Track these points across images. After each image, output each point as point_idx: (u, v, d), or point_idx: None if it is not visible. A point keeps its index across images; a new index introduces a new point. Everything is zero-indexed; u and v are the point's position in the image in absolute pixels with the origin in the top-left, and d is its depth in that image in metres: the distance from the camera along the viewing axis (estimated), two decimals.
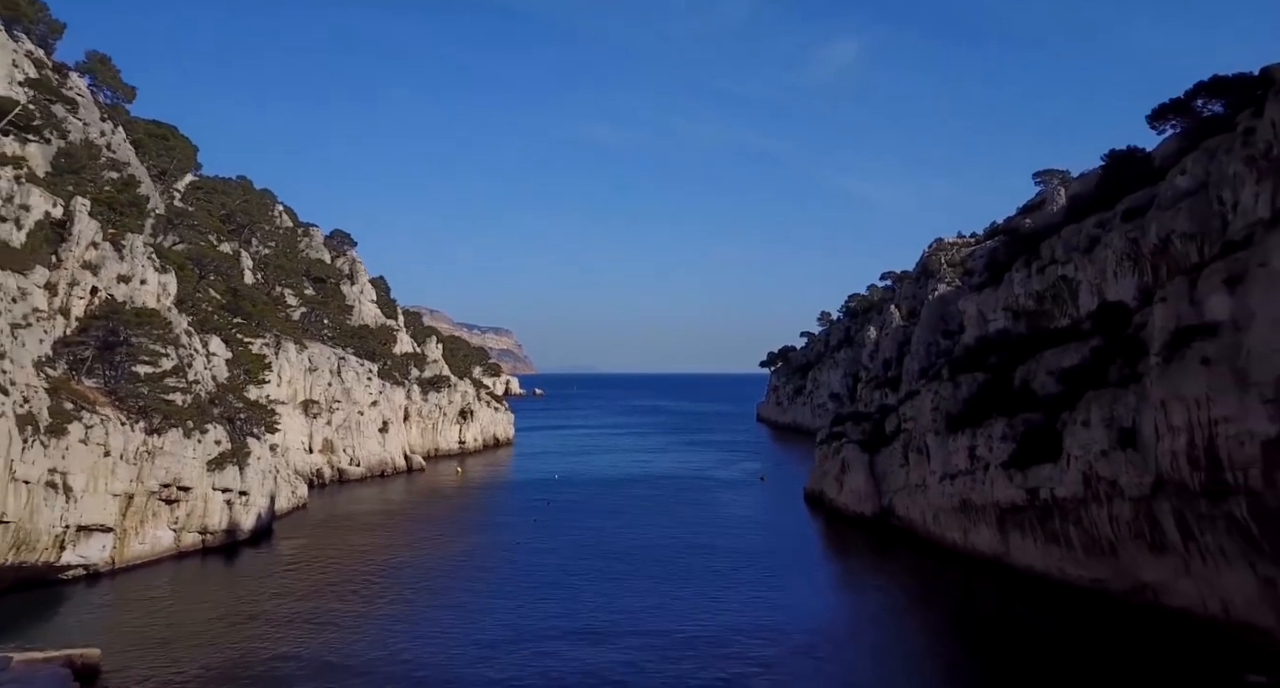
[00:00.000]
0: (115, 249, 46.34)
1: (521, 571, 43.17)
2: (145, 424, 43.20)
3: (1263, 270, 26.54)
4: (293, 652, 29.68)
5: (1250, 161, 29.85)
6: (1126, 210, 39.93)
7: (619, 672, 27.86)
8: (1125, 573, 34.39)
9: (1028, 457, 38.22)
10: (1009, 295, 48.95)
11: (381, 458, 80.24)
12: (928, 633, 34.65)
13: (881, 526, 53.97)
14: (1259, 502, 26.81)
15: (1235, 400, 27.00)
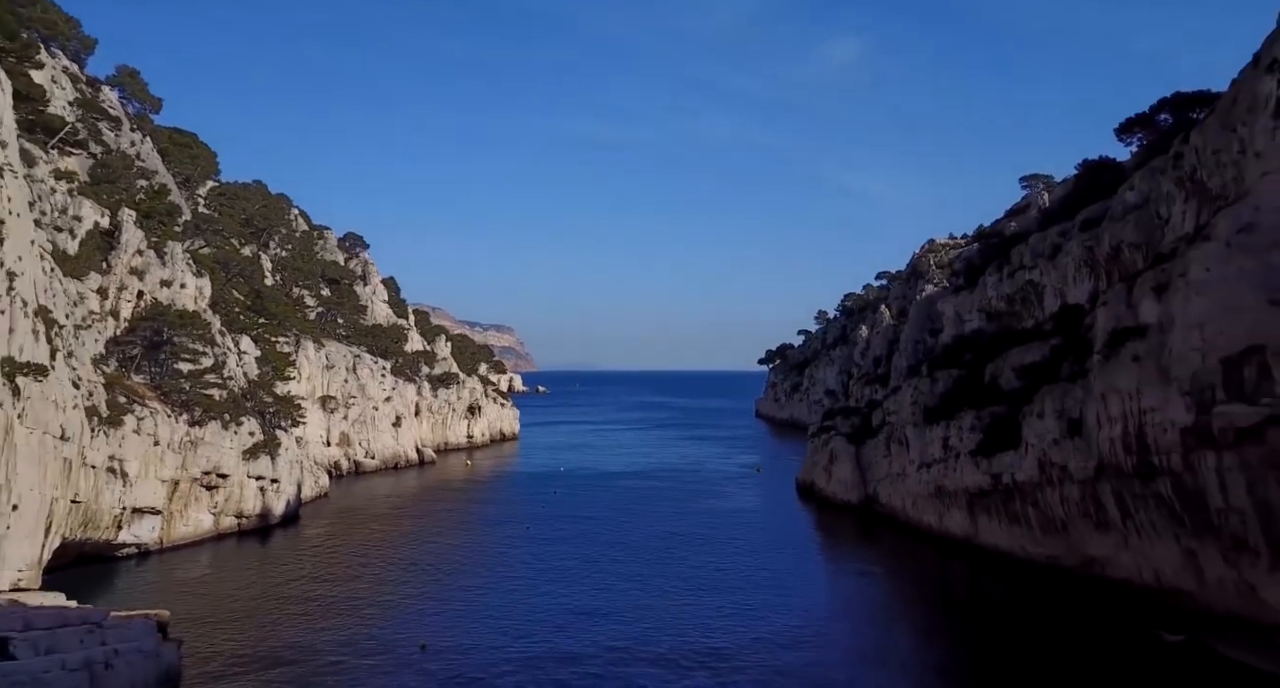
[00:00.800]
0: (158, 255, 50.30)
1: (531, 554, 47.10)
2: (188, 417, 47.20)
3: (1183, 280, 30.40)
4: (324, 624, 33.60)
5: (1179, 183, 33.75)
6: (1084, 221, 43.77)
7: (624, 641, 31.77)
8: (1075, 549, 38.30)
9: (992, 446, 42.14)
10: (983, 298, 52.82)
11: (395, 451, 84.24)
12: (906, 608, 38.64)
13: (866, 512, 57.91)
14: (1179, 482, 30.70)
15: (1160, 393, 30.90)
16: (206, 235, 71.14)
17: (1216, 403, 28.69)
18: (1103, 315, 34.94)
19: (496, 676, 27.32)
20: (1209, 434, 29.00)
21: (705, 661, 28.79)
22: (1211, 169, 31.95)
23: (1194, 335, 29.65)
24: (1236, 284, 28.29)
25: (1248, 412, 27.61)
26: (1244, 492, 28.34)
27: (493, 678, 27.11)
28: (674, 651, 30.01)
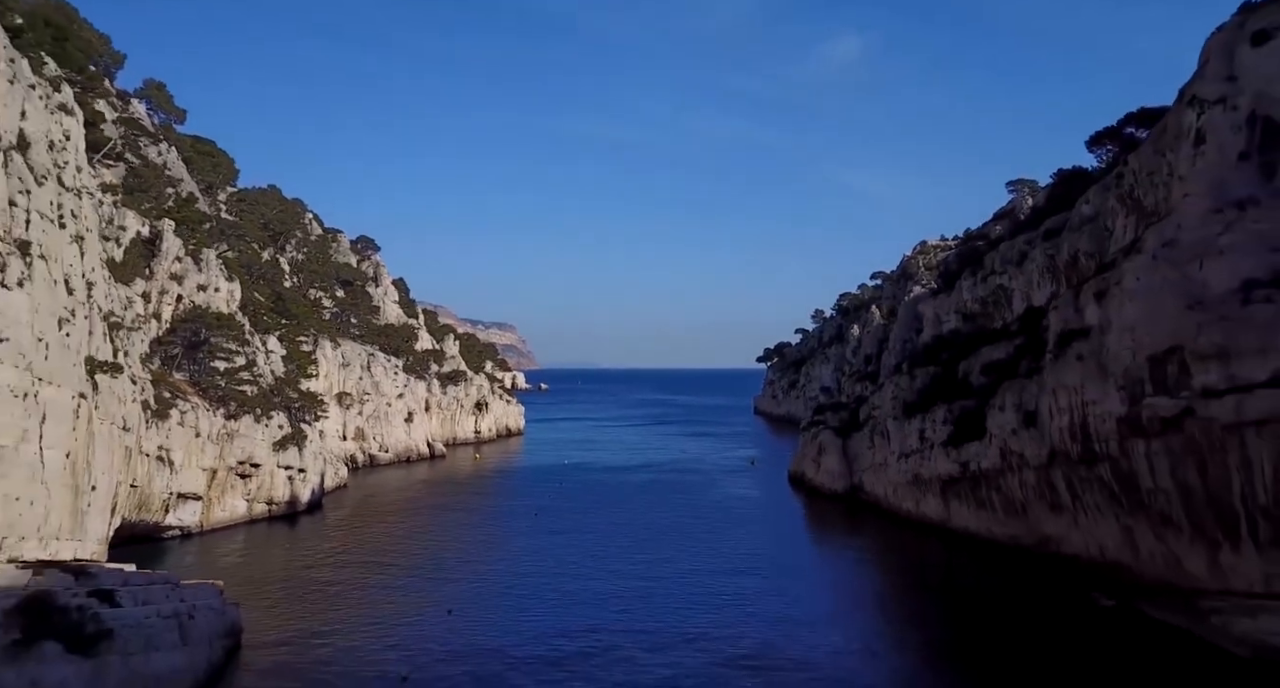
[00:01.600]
0: (195, 262, 54.39)
1: (540, 538, 51.18)
2: (224, 411, 51.31)
3: (1118, 287, 34.44)
4: (355, 594, 37.74)
5: (1121, 199, 37.79)
6: (1047, 230, 47.79)
7: (627, 608, 35.89)
8: (1034, 529, 42.38)
9: (962, 436, 46.21)
10: (959, 300, 56.85)
11: (407, 445, 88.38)
12: (887, 586, 42.63)
13: (852, 500, 61.99)
14: (1117, 466, 34.77)
15: (1099, 388, 34.95)
16: (230, 240, 75.19)
17: (1145, 396, 32.72)
18: (1054, 318, 39.00)
19: (515, 633, 31.44)
20: (1139, 424, 33.04)
21: (695, 639, 32.64)
22: (1146, 188, 36.02)
23: (1126, 336, 33.69)
24: (1161, 292, 32.28)
25: (1169, 404, 31.64)
26: (1168, 474, 32.41)
27: (513, 634, 31.24)
28: (669, 625, 33.98)
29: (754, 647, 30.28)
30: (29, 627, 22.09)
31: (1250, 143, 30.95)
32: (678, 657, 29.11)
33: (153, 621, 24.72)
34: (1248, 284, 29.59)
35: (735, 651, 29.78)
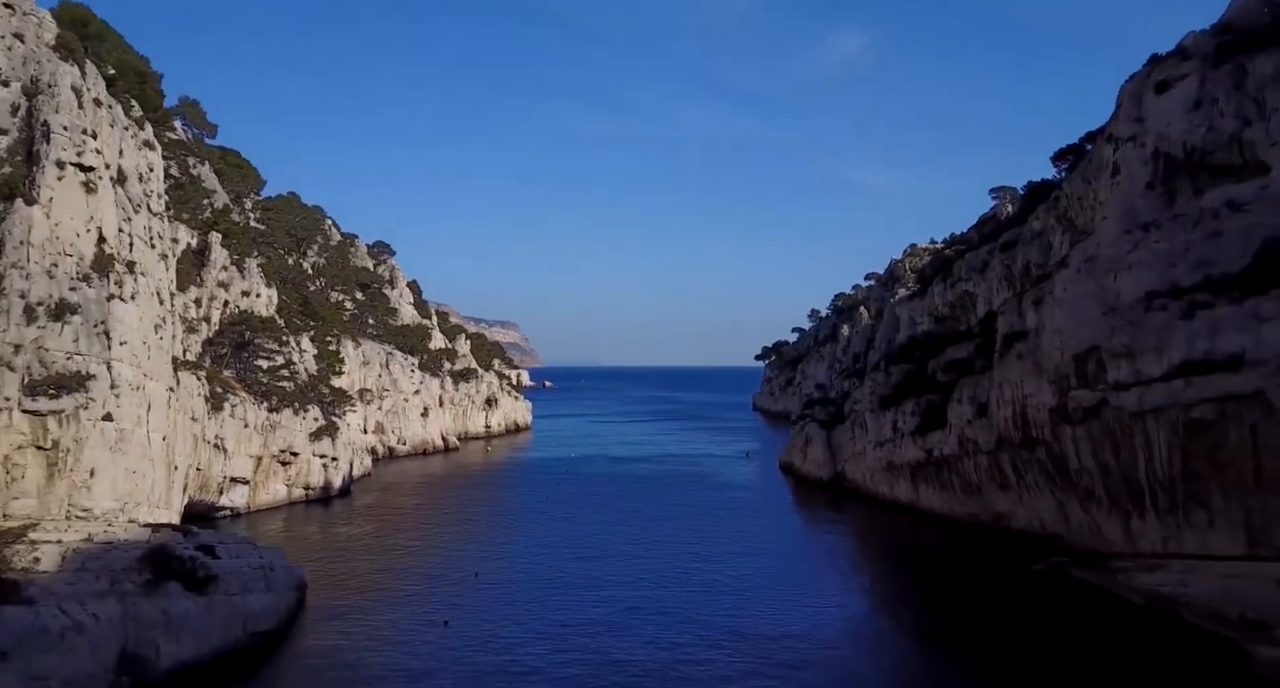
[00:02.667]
0: (239, 270, 60.17)
1: (551, 518, 56.92)
2: (267, 405, 57.09)
3: (1051, 296, 40.13)
4: (390, 562, 43.54)
5: (1058, 219, 43.47)
6: (1005, 243, 53.38)
7: (631, 579, 41.65)
8: (988, 507, 48.12)
9: (927, 426, 51.91)
10: (931, 304, 62.48)
11: (423, 438, 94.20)
12: (863, 559, 48.26)
13: (835, 487, 67.68)
14: (1050, 449, 40.49)
15: (1035, 382, 40.67)
16: (260, 247, 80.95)
17: (1071, 389, 38.46)
18: (1002, 321, 44.70)
19: (535, 591, 37.25)
20: (1066, 413, 38.80)
21: (688, 599, 38.51)
22: (1076, 210, 41.69)
23: (1056, 338, 39.43)
24: (1083, 300, 37.98)
25: (1089, 396, 37.38)
26: (1090, 456, 38.16)
27: (533, 591, 37.05)
28: (665, 596, 39.81)
29: (738, 602, 36.03)
30: (156, 571, 27.89)
31: (1155, 175, 36.64)
32: (672, 605, 34.91)
33: (245, 570, 30.55)
34: (1150, 294, 35.27)
35: (724, 607, 35.57)
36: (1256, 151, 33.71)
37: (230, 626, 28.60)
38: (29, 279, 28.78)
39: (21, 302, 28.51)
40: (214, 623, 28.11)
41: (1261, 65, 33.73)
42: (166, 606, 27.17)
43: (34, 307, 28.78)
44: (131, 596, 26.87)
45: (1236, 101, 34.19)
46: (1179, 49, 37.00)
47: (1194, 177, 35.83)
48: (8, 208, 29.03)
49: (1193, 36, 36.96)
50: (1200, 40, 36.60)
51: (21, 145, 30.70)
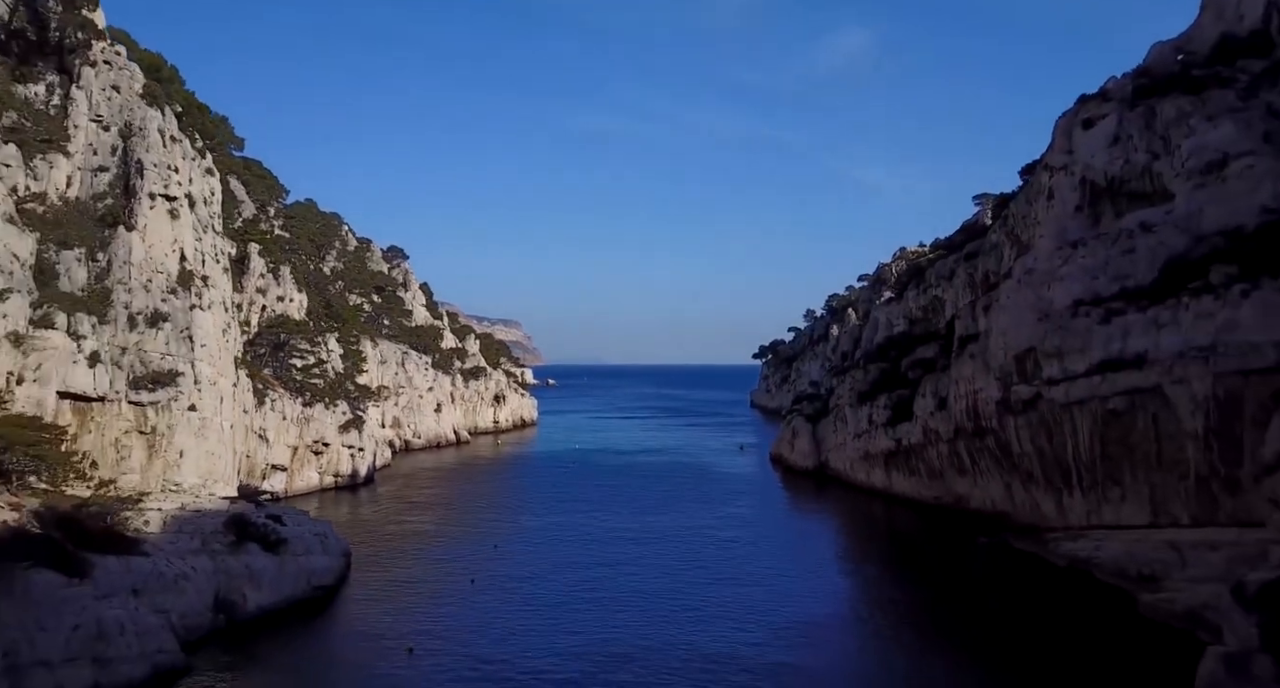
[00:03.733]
0: (274, 277, 66.10)
1: (557, 502, 62.79)
2: (301, 400, 63.00)
3: (997, 303, 45.94)
4: (418, 538, 49.44)
5: (1007, 234, 49.27)
6: (968, 253, 59.16)
7: (631, 554, 47.54)
8: (949, 490, 53.93)
9: (897, 418, 57.74)
10: (906, 307, 68.29)
11: (437, 432, 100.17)
12: (841, 537, 54.17)
13: (820, 475, 73.52)
14: (997, 437, 46.29)
15: (984, 378, 46.47)
16: (287, 254, 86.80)
17: (1012, 384, 44.24)
18: (959, 325, 50.52)
19: (548, 562, 43.15)
20: (1009, 405, 44.59)
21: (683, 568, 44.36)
22: (1021, 227, 47.49)
23: (1000, 339, 45.24)
24: (1022, 307, 43.77)
25: (1027, 390, 43.17)
26: (1029, 442, 43.97)
27: (546, 562, 42.95)
28: (661, 569, 45.67)
29: (727, 571, 41.95)
30: (238, 534, 33.83)
31: (1082, 199, 42.42)
32: (667, 574, 40.82)
33: (306, 536, 36.50)
34: (1076, 302, 41.02)
35: (714, 575, 41.49)
36: (1163, 181, 39.50)
37: (298, 580, 34.53)
38: (130, 293, 34.65)
39: (125, 312, 34.38)
40: (285, 577, 34.05)
41: (1167, 108, 39.51)
42: (248, 562, 33.13)
43: (135, 316, 34.66)
44: (220, 553, 32.85)
45: (1147, 138, 39.98)
46: (1102, 91, 42.81)
47: (1114, 201, 41.61)
48: (112, 234, 34.92)
49: (1114, 81, 42.78)
50: (1120, 84, 42.39)
51: (119, 180, 36.58)
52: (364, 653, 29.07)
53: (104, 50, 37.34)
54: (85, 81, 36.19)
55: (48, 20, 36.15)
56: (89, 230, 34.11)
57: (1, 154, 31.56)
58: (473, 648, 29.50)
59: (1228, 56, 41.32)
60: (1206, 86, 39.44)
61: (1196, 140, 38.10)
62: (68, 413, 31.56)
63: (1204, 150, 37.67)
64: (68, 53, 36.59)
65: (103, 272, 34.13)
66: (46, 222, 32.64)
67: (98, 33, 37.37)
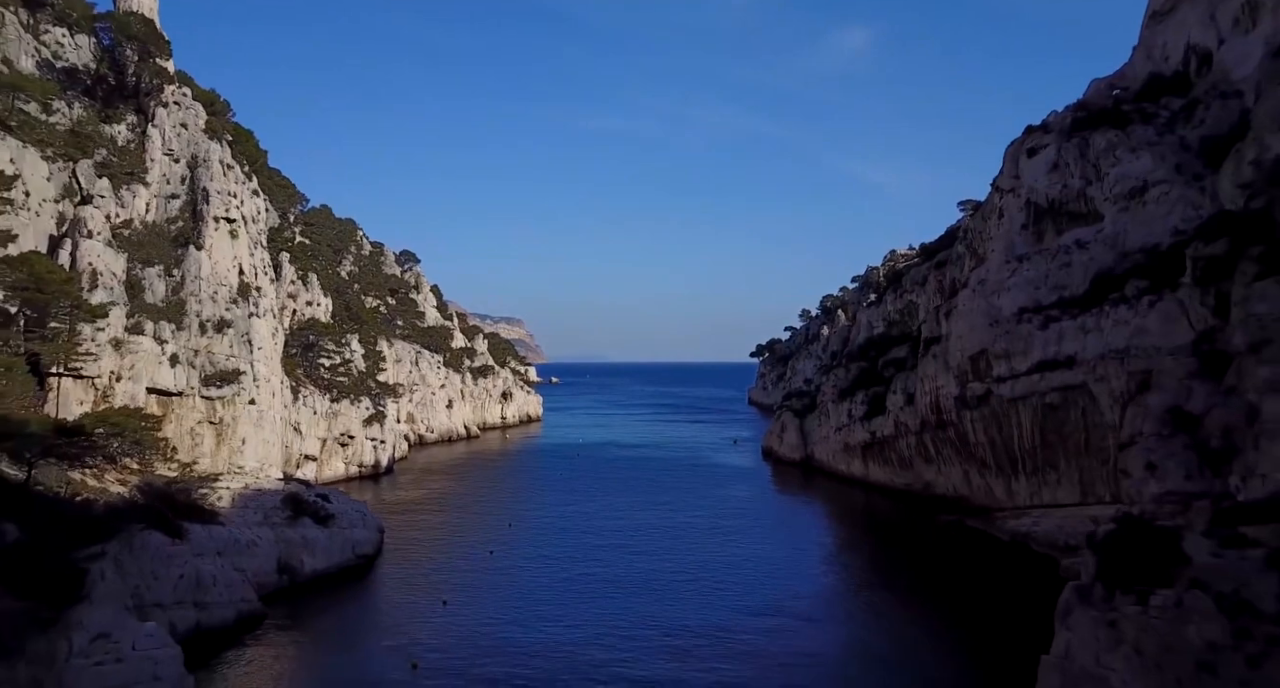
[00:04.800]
0: (303, 283, 71.90)
1: (564, 489, 68.60)
2: (330, 396, 68.83)
3: (956, 310, 51.64)
4: (440, 517, 55.25)
5: (967, 247, 54.96)
6: (938, 261, 64.81)
7: (630, 533, 53.32)
8: (917, 478, 59.67)
9: (872, 413, 63.47)
10: (885, 311, 73.98)
11: (449, 427, 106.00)
12: (821, 519, 59.95)
13: (806, 466, 79.28)
14: (957, 429, 52.03)
15: (945, 376, 52.19)
16: (309, 260, 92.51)
17: (968, 382, 49.95)
18: (925, 328, 56.22)
19: (558, 539, 48.94)
20: (966, 400, 50.30)
21: (680, 546, 50.17)
22: (978, 242, 53.15)
23: (958, 342, 50.96)
24: (975, 313, 49.47)
25: (980, 387, 48.88)
26: (983, 433, 49.68)
27: (555, 539, 48.73)
28: (658, 544, 51.45)
29: (717, 546, 47.73)
30: (294, 509, 39.64)
31: (1027, 218, 48.08)
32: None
33: (349, 512, 42.34)
34: (1021, 310, 46.72)
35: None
36: (1095, 204, 45.15)
37: (344, 549, 40.38)
38: (201, 303, 40.44)
39: (197, 319, 40.17)
40: (334, 546, 39.90)
41: (1098, 140, 45.17)
42: (303, 533, 38.97)
43: (204, 323, 40.44)
44: (279, 525, 38.69)
45: (1082, 166, 45.63)
46: (1044, 124, 48.49)
47: (1055, 221, 47.27)
48: (184, 252, 40.71)
49: (1054, 114, 48.43)
50: (1060, 117, 48.04)
51: (188, 205, 42.34)
52: (405, 606, 34.90)
53: (173, 92, 43.07)
54: (159, 120, 41.92)
55: (126, 67, 41.85)
56: (165, 250, 39.85)
57: (97, 187, 37.33)
58: (496, 602, 35.33)
59: (1154, 94, 46.97)
60: (1132, 121, 45.09)
61: (1121, 169, 43.79)
62: (154, 406, 37.29)
63: (1127, 178, 43.36)
64: (143, 95, 42.34)
65: (177, 285, 39.89)
66: (132, 243, 38.36)
67: (168, 77, 43.07)
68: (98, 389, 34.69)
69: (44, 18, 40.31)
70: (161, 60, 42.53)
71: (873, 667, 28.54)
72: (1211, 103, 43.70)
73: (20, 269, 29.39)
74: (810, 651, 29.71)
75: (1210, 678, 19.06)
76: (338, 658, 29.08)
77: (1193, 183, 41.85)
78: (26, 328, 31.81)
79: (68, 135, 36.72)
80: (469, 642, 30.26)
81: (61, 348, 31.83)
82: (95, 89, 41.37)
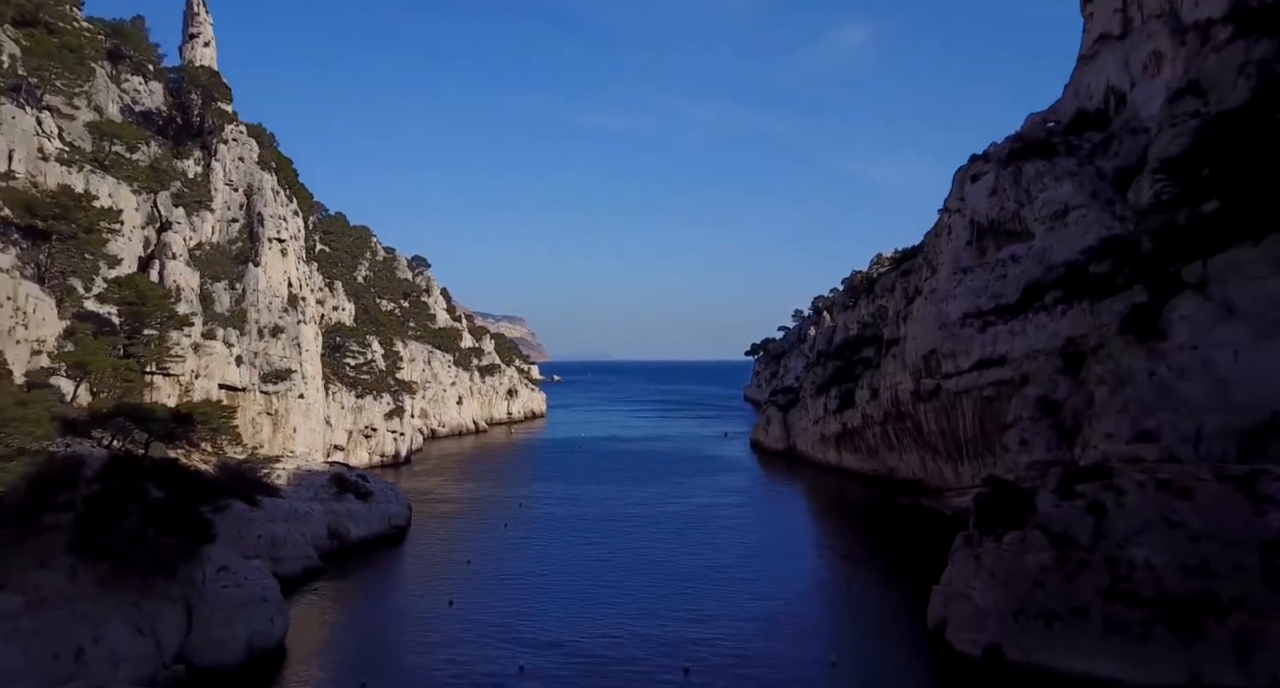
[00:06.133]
0: (330, 290, 79.09)
1: (569, 476, 75.74)
2: (355, 392, 76.03)
3: (912, 315, 58.75)
4: (458, 499, 62.44)
5: (924, 259, 62.03)
6: (904, 270, 71.87)
7: (627, 514, 60.53)
8: (883, 464, 66.83)
9: (844, 406, 70.61)
10: (859, 315, 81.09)
11: (459, 422, 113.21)
12: (802, 500, 67.11)
13: (788, 456, 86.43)
14: (914, 419, 59.17)
15: (903, 373, 59.32)
16: (330, 266, 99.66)
17: (922, 378, 57.08)
18: (886, 331, 63.33)
19: (564, 515, 56.10)
20: (920, 394, 57.43)
21: (676, 525, 57.33)
22: (932, 254, 60.25)
23: (913, 343, 58.09)
24: (927, 318, 56.56)
25: (931, 382, 56.00)
26: (935, 422, 56.84)
27: (562, 515, 55.88)
28: (662, 530, 58.60)
29: (716, 527, 54.91)
30: (339, 487, 46.81)
31: (971, 236, 55.18)
32: (663, 521, 53.79)
33: (384, 489, 49.55)
34: (964, 315, 53.81)
35: (713, 541, 54.49)
36: (1027, 224, 52.24)
37: (382, 520, 47.54)
38: (259, 312, 47.57)
39: (256, 326, 47.30)
40: (373, 518, 47.07)
41: (1029, 169, 52.26)
42: (348, 506, 46.16)
43: (262, 329, 47.58)
44: (328, 500, 45.87)
45: (1016, 191, 52.72)
46: (985, 154, 55.60)
47: (994, 238, 54.36)
48: (244, 269, 47.87)
49: (994, 145, 55.53)
50: (1000, 147, 55.15)
51: (245, 228, 49.47)
52: (436, 564, 42.05)
53: (232, 130, 50.15)
54: (221, 155, 48.98)
55: (192, 109, 48.93)
56: (229, 267, 46.91)
57: (174, 215, 44.45)
58: (513, 561, 42.49)
59: (1079, 128, 54.11)
60: (1058, 152, 52.21)
61: (1048, 194, 50.90)
62: (224, 400, 44.38)
63: (1052, 202, 50.47)
64: (207, 133, 49.42)
65: (240, 297, 46.99)
66: (202, 261, 45.41)
67: (229, 118, 50.17)
68: (181, 385, 41.78)
69: (124, 68, 47.37)
70: (223, 104, 49.66)
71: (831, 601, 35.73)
72: (1124, 138, 50.92)
73: (128, 287, 36.43)
74: (779, 590, 36.77)
75: (1039, 590, 26.21)
76: (387, 599, 36.29)
77: (1105, 207, 49.05)
78: (126, 335, 38.81)
79: (148, 170, 43.77)
80: (492, 587, 37.42)
81: (155, 351, 38.87)
82: (167, 128, 48.43)
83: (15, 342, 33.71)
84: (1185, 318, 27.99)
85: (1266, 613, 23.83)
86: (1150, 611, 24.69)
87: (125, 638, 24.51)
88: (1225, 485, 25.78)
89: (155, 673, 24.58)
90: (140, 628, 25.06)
